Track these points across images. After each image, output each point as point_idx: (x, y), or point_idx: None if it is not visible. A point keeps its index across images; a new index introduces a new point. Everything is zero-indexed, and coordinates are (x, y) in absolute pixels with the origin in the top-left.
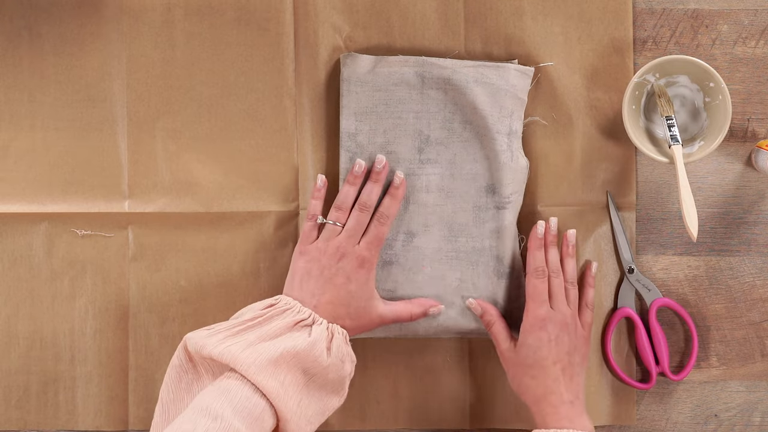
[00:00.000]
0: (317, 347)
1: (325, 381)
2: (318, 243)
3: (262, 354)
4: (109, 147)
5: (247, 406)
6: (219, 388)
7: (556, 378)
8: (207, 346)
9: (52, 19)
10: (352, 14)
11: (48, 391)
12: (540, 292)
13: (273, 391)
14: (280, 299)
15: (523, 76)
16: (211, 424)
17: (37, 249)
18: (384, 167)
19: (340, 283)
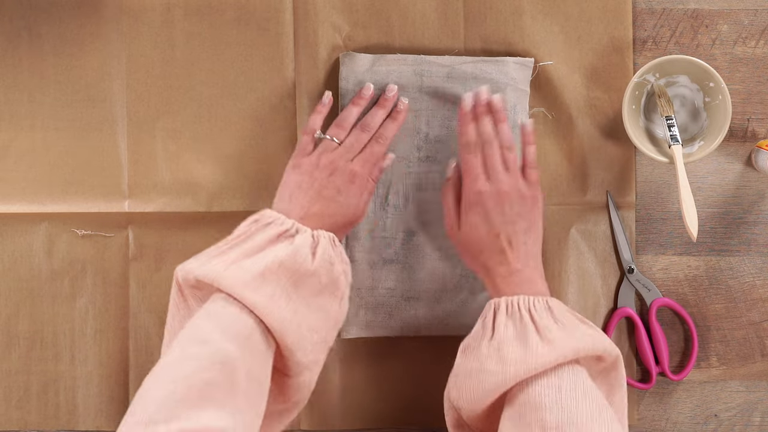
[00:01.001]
0: (300, 253)
1: (318, 286)
2: (311, 157)
3: (246, 270)
4: (109, 147)
5: (235, 326)
6: (206, 313)
7: (501, 250)
8: (192, 270)
9: (52, 19)
10: (352, 13)
11: (48, 391)
12: (473, 166)
13: (260, 304)
14: (264, 213)
15: (522, 68)
16: (199, 348)
17: (38, 249)
18: (394, 95)
19: (329, 195)
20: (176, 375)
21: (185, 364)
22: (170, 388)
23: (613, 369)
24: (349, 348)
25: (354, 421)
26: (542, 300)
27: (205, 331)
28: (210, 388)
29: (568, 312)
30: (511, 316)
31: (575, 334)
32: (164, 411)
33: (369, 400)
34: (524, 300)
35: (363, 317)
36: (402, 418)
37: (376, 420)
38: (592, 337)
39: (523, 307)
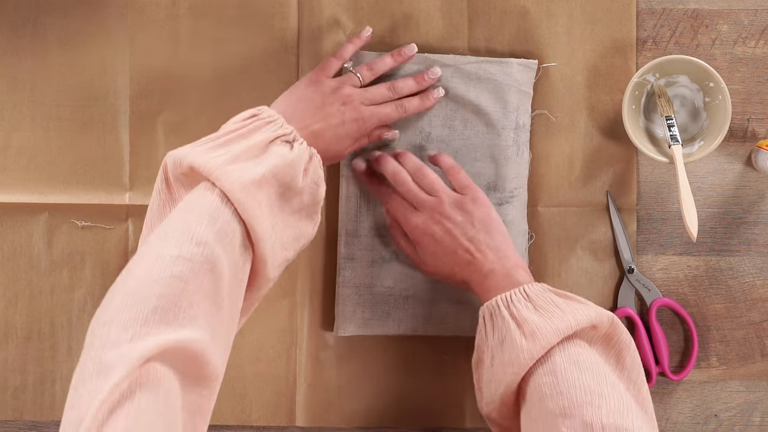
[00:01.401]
0: (296, 167)
1: (300, 205)
2: (332, 81)
3: (245, 172)
4: (110, 139)
5: (227, 231)
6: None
7: (467, 262)
8: (189, 156)
9: (57, 11)
10: (357, 11)
11: (45, 382)
12: (397, 210)
13: (252, 212)
14: (263, 110)
15: (526, 70)
16: (196, 249)
17: (37, 240)
18: (433, 80)
19: (333, 122)
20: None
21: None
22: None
23: (612, 333)
24: (347, 346)
25: (351, 419)
26: (519, 291)
27: (200, 231)
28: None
29: (549, 292)
30: (494, 320)
31: (555, 314)
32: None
33: (366, 398)
34: (503, 298)
35: (361, 315)
36: (399, 417)
37: (372, 418)
38: (574, 312)
39: (503, 306)
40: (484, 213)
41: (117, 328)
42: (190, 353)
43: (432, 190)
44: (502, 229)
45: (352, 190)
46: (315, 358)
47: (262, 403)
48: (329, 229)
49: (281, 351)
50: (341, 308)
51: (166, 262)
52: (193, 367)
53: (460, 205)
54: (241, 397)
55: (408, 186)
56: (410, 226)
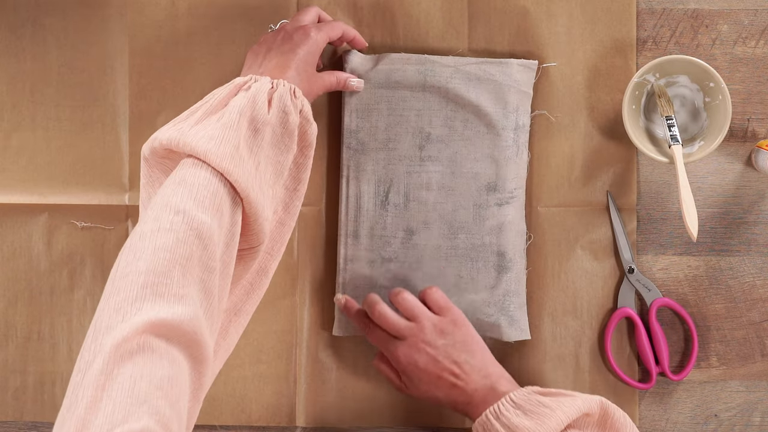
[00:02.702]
0: (258, 100)
1: (273, 137)
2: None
3: (209, 125)
4: (110, 140)
5: (206, 194)
6: (175, 179)
7: (451, 385)
8: (157, 137)
9: (56, 11)
10: (356, 12)
11: (45, 383)
12: (379, 341)
13: (225, 158)
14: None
15: (526, 70)
16: (175, 218)
17: (37, 240)
18: None
19: (287, 49)
20: (154, 246)
21: (162, 236)
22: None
23: (605, 416)
24: (347, 345)
25: (351, 420)
26: (506, 401)
27: (177, 200)
28: (190, 264)
29: (535, 395)
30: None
31: (545, 415)
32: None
33: (366, 398)
34: (492, 411)
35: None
36: (399, 417)
37: (372, 418)
38: (562, 407)
39: (493, 419)
40: (464, 333)
41: (108, 313)
42: (184, 331)
43: (412, 316)
44: (482, 345)
45: (353, 190)
46: (315, 359)
47: (263, 403)
48: (329, 229)
49: (281, 351)
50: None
51: (147, 238)
52: (187, 344)
53: (440, 329)
54: (242, 397)
55: (386, 318)
56: (393, 357)
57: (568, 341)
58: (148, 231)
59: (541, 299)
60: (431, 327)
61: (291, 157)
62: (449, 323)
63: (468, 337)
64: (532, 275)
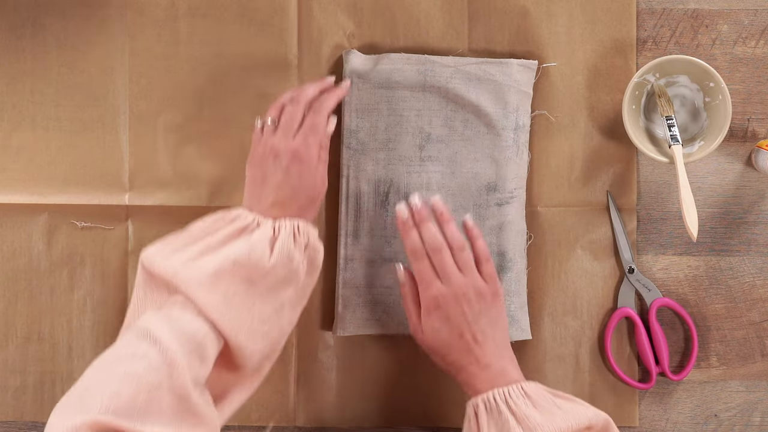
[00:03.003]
0: (256, 250)
1: (275, 281)
2: (257, 148)
3: (201, 269)
4: (110, 140)
5: (188, 331)
6: (162, 313)
7: (467, 350)
8: (155, 262)
9: (56, 11)
10: (357, 12)
11: (45, 383)
12: (423, 272)
13: (213, 306)
14: (231, 210)
15: (526, 70)
16: (150, 348)
17: (37, 240)
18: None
19: (278, 182)
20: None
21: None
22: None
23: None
24: (346, 345)
25: (350, 420)
26: (517, 388)
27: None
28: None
29: (546, 392)
30: (491, 413)
31: (556, 414)
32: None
33: (365, 398)
34: (500, 393)
35: (360, 316)
36: (399, 417)
37: (372, 418)
38: (574, 413)
39: (500, 401)
40: (499, 310)
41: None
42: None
43: (464, 269)
44: (506, 328)
45: (352, 190)
46: (315, 359)
47: (262, 403)
48: (329, 229)
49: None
50: (341, 308)
51: (120, 361)
52: None
53: (482, 296)
54: None
55: (444, 256)
56: (429, 293)
57: (568, 341)
58: (122, 355)
59: (541, 299)
60: (476, 289)
61: (293, 289)
62: (491, 294)
63: (500, 315)
64: (532, 275)
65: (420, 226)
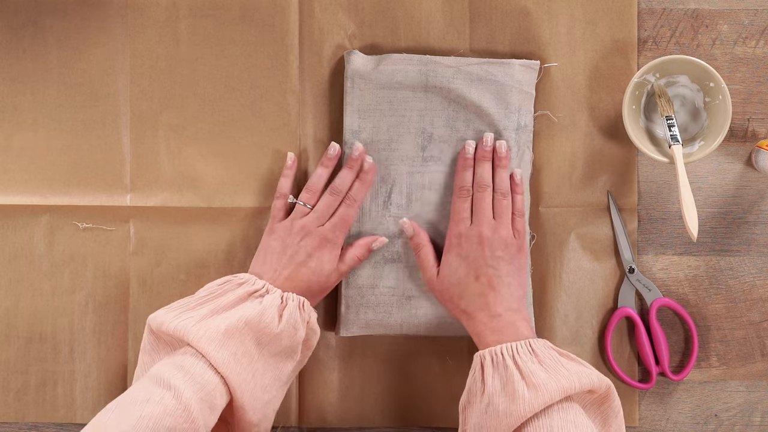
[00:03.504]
0: (267, 314)
1: (278, 348)
2: (285, 222)
3: (213, 326)
4: (111, 141)
5: (200, 381)
6: (174, 363)
7: (481, 293)
8: (165, 322)
9: (57, 12)
10: (358, 12)
11: (47, 384)
12: (459, 210)
13: (224, 362)
14: (238, 275)
15: (528, 71)
16: (166, 393)
17: (38, 241)
18: (360, 155)
19: (300, 260)
20: (140, 414)
21: (150, 406)
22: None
23: (606, 399)
24: (349, 346)
25: (352, 420)
26: (525, 344)
27: (170, 377)
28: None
29: (553, 350)
30: (496, 366)
31: (561, 373)
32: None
33: (368, 398)
34: (507, 348)
35: (363, 316)
36: (400, 417)
37: (374, 418)
38: (579, 374)
39: (507, 355)
40: (520, 263)
41: None
42: None
43: (499, 215)
44: (525, 285)
45: None
46: (317, 359)
47: None
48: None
49: None
50: (344, 309)
51: (136, 405)
52: None
53: (507, 245)
54: None
55: (485, 196)
56: (456, 231)
57: (569, 341)
58: (138, 399)
59: (542, 299)
60: (502, 236)
61: (293, 364)
62: (516, 247)
63: (521, 269)
64: (533, 275)
65: (478, 162)
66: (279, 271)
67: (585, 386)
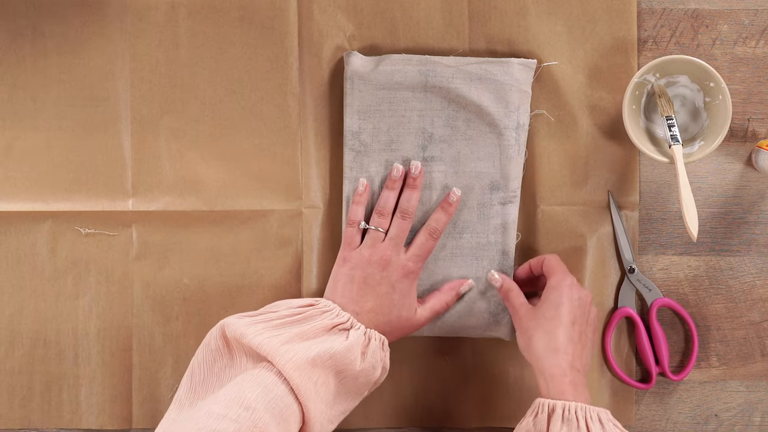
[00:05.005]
0: (353, 351)
1: (355, 385)
2: (362, 250)
3: (300, 352)
4: (112, 146)
5: (280, 404)
6: (256, 380)
7: (570, 338)
8: (247, 336)
9: (56, 17)
10: (357, 13)
11: (51, 389)
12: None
13: (306, 392)
14: (320, 301)
15: (526, 69)
16: (243, 413)
17: (41, 247)
18: (420, 173)
19: (383, 292)
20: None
21: (225, 423)
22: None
23: None
24: None
25: (353, 420)
26: (595, 411)
27: (251, 398)
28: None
29: (613, 425)
30: (566, 422)
31: None
32: None
33: (370, 398)
34: (581, 409)
35: None
36: (403, 418)
37: (376, 419)
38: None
39: (580, 416)
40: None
41: None
42: None
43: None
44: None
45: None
46: None
47: None
48: (332, 230)
49: None
50: None
51: (212, 418)
52: None
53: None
54: None
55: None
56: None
57: None
58: (215, 413)
59: None
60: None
61: (359, 400)
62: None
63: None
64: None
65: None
66: (361, 303)
67: None
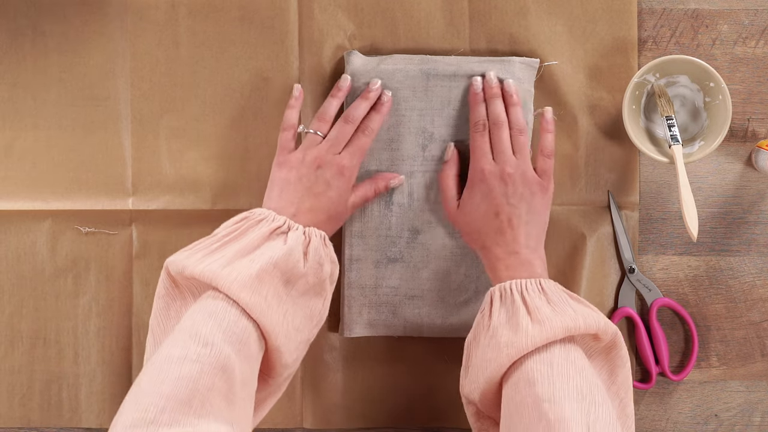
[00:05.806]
0: (294, 253)
1: (306, 287)
2: (297, 153)
3: (243, 271)
4: (113, 145)
5: (235, 330)
6: (206, 310)
7: (500, 230)
8: (188, 267)
9: (56, 17)
10: (357, 13)
11: (51, 388)
12: (480, 146)
13: (257, 308)
14: (254, 211)
15: (528, 68)
16: (203, 350)
17: (41, 246)
18: (378, 89)
19: (319, 191)
20: (178, 374)
21: (187, 365)
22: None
23: (612, 347)
24: (352, 347)
25: (356, 420)
26: (534, 282)
27: (206, 332)
28: (211, 394)
29: (563, 292)
30: (503, 301)
31: (567, 312)
32: (167, 413)
33: (371, 399)
34: (516, 283)
35: (366, 316)
36: (403, 418)
37: (377, 419)
38: (585, 315)
39: (515, 291)
40: (542, 204)
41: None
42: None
43: (518, 152)
44: (544, 227)
45: None
46: (321, 360)
47: None
48: None
49: None
50: (347, 309)
51: (173, 363)
52: None
53: (530, 184)
54: None
55: (502, 134)
56: (478, 166)
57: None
58: (175, 356)
59: None
60: (524, 174)
61: (321, 301)
62: (540, 187)
63: (543, 209)
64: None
65: (489, 100)
66: (297, 203)
67: (590, 328)
